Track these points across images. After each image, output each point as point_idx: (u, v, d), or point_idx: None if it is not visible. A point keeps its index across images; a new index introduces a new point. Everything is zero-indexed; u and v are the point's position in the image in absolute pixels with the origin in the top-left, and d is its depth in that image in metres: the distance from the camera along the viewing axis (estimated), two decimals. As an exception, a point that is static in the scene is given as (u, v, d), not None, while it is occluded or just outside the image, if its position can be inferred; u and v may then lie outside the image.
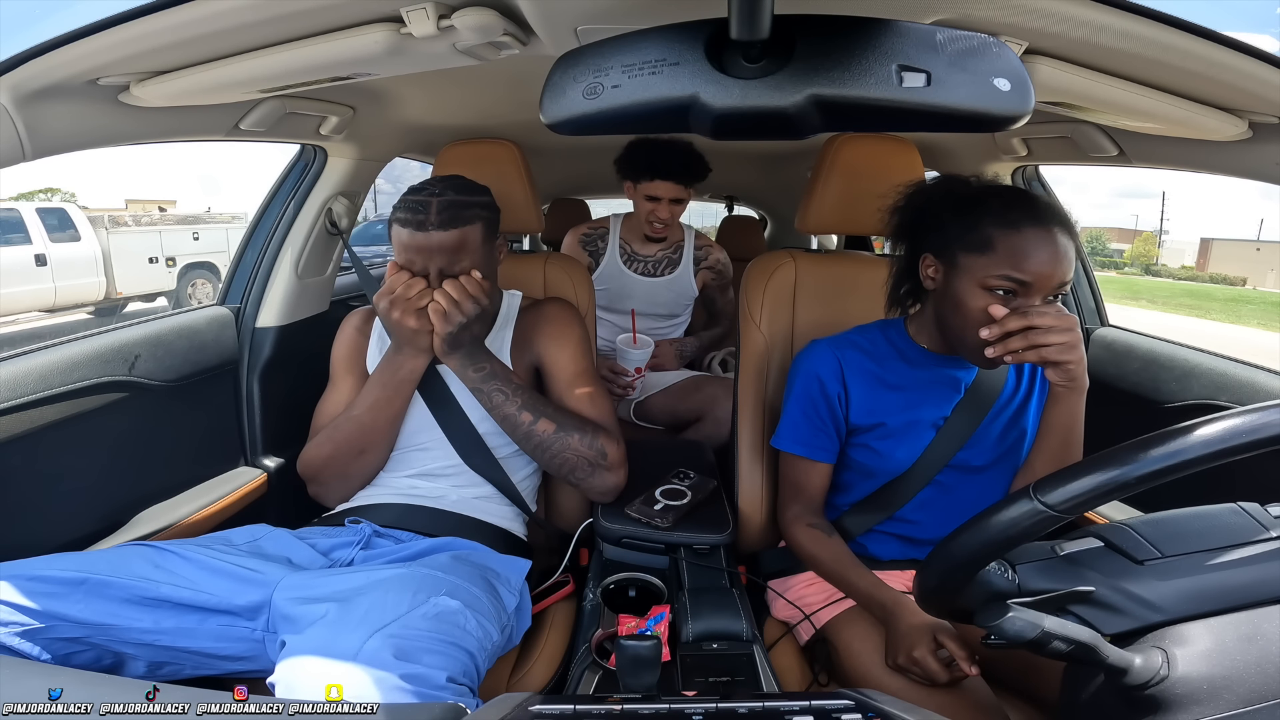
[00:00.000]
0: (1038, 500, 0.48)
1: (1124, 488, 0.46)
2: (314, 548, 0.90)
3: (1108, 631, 0.50)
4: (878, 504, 0.96)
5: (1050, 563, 0.54)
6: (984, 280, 0.79)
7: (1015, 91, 0.42)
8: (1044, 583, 0.53)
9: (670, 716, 0.44)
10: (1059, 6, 0.60)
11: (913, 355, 0.94)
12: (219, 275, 8.85)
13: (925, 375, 0.93)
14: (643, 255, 1.80)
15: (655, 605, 0.87)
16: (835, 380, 0.94)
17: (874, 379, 0.93)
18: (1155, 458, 0.46)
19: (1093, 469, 0.47)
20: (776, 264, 1.16)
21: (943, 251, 0.85)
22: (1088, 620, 0.51)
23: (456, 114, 1.39)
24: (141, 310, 8.10)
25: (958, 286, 0.82)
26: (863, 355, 0.95)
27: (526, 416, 0.96)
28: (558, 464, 0.98)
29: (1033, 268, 0.77)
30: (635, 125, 0.45)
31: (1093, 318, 1.45)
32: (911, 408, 0.92)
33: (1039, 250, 0.77)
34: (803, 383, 0.96)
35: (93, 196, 37.13)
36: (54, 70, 0.72)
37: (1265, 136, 0.81)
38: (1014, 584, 0.53)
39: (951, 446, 0.91)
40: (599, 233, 1.83)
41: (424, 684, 0.62)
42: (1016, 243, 0.78)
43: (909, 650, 0.77)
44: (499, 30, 0.69)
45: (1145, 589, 0.50)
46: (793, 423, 0.97)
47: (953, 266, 0.83)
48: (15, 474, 0.93)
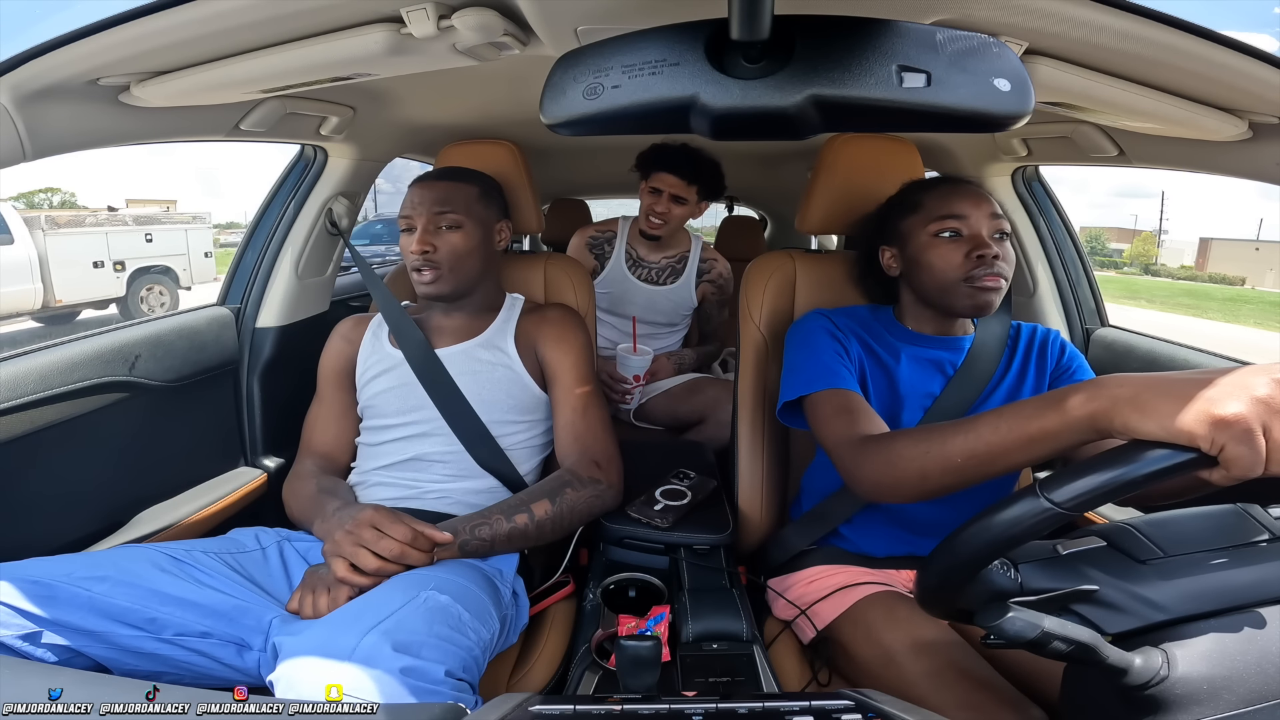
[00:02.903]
0: (1044, 497, 0.48)
1: (1131, 485, 0.46)
2: (306, 560, 0.91)
3: (1111, 631, 0.50)
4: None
5: (1052, 562, 0.54)
6: (929, 230, 0.88)
7: (1015, 92, 0.42)
8: (1047, 581, 0.52)
9: (670, 716, 0.44)
10: (1059, 6, 0.60)
11: (898, 333, 0.96)
12: (177, 280, 8.38)
13: (912, 351, 0.94)
14: (648, 261, 1.79)
15: (655, 605, 0.87)
16: (839, 334, 0.94)
17: (865, 346, 0.95)
18: (1161, 456, 0.45)
19: (1100, 467, 0.47)
20: (776, 264, 1.16)
21: (889, 235, 0.95)
22: (1090, 619, 0.51)
23: (456, 114, 1.39)
24: (96, 319, 7.55)
25: (913, 249, 0.90)
26: (857, 323, 0.97)
27: (521, 519, 0.90)
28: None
29: (960, 204, 0.87)
30: (635, 125, 0.45)
31: (1093, 318, 1.45)
32: (899, 380, 0.93)
33: (958, 192, 0.88)
34: (807, 335, 0.94)
35: (93, 196, 37.12)
36: (54, 70, 0.72)
37: (1265, 136, 0.81)
38: (1016, 583, 0.53)
39: None
40: (606, 236, 1.82)
41: (423, 678, 0.62)
42: (939, 193, 0.89)
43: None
44: (499, 30, 0.69)
45: (1148, 588, 0.50)
46: (810, 363, 0.89)
47: (900, 238, 0.92)
48: (15, 474, 0.93)
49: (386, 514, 0.82)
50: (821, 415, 0.83)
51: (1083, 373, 0.93)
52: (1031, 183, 1.47)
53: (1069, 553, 0.54)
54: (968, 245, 0.85)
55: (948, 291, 0.87)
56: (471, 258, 1.05)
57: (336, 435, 1.09)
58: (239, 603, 0.78)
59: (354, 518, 0.82)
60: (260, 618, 0.78)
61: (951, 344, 0.94)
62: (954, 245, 0.86)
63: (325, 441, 1.08)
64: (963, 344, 0.94)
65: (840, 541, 1.00)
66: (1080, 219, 20.60)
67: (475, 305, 1.10)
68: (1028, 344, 0.96)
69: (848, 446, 0.76)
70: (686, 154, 1.63)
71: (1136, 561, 0.52)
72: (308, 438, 1.09)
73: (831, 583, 0.95)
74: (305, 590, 0.81)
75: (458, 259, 1.04)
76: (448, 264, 1.03)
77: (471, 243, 1.05)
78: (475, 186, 1.07)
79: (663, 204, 1.67)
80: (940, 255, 0.86)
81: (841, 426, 0.79)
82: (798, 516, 1.06)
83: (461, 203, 1.04)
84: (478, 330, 1.09)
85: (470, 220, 1.04)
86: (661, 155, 1.65)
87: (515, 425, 1.05)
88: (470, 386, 1.03)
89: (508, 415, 1.04)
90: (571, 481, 0.96)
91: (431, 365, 1.03)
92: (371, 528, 0.81)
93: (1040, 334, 0.97)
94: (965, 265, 0.85)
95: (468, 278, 1.06)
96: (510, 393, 1.05)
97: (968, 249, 0.85)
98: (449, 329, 1.09)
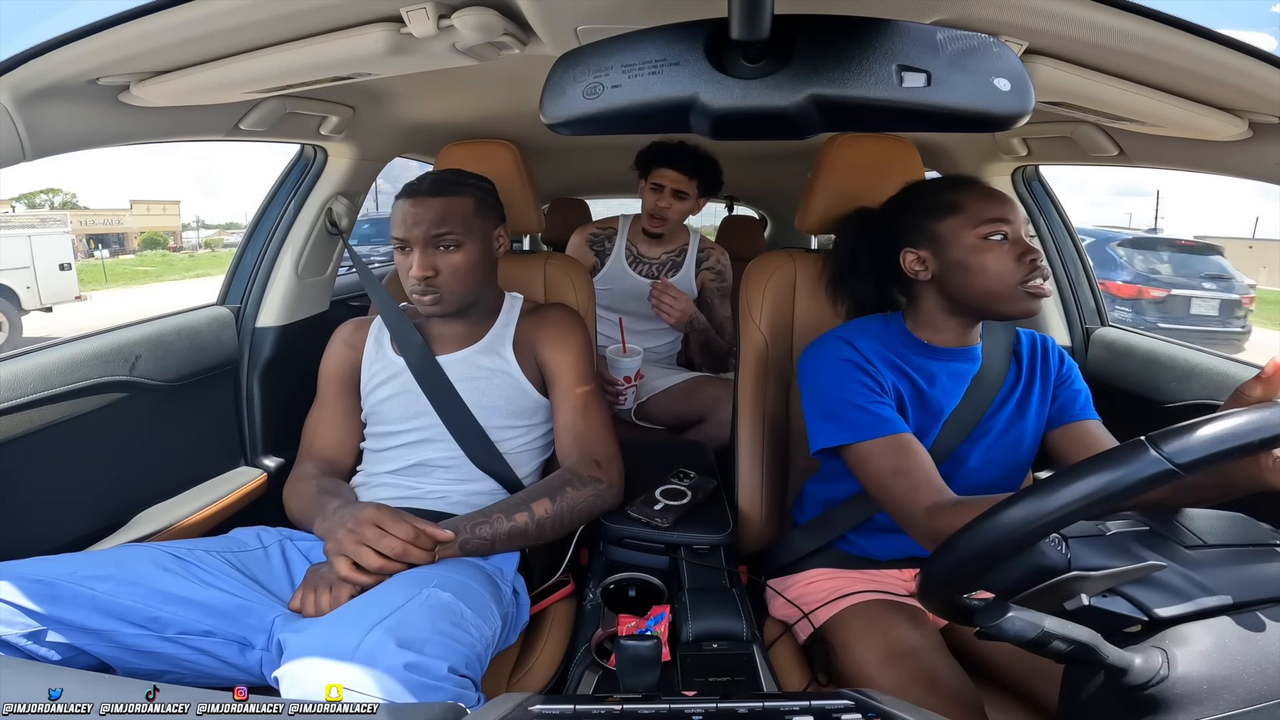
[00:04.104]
0: (1158, 451, 0.44)
1: (1255, 447, 0.43)
2: (308, 559, 0.91)
3: (1160, 613, 0.48)
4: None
5: (1100, 540, 0.52)
6: (977, 232, 0.84)
7: (1015, 91, 0.42)
8: (1097, 559, 0.50)
9: (670, 716, 0.44)
10: (1059, 6, 0.60)
11: (919, 349, 0.93)
12: (18, 301, 6.52)
13: (940, 368, 0.92)
14: (648, 257, 1.80)
15: (655, 605, 0.87)
16: (868, 366, 0.89)
17: (897, 370, 0.91)
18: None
19: (1222, 422, 0.43)
20: (776, 264, 1.16)
21: (918, 237, 0.89)
22: (1139, 600, 0.49)
23: (456, 114, 1.39)
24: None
25: (959, 253, 0.85)
26: (881, 345, 0.92)
27: (522, 517, 0.90)
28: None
29: (1003, 207, 0.85)
30: (635, 125, 0.45)
31: (1093, 317, 1.46)
32: (931, 400, 0.91)
33: (995, 195, 0.86)
34: (832, 367, 0.89)
35: (95, 197, 37.02)
36: (54, 70, 0.72)
37: (1265, 136, 0.81)
38: (1066, 558, 0.51)
39: (955, 439, 0.91)
40: (606, 233, 1.83)
41: (426, 674, 0.62)
42: (977, 194, 0.86)
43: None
44: (499, 30, 0.69)
45: (1201, 573, 0.49)
46: (846, 409, 0.84)
47: (937, 241, 0.87)
48: (15, 474, 0.93)
49: (388, 512, 0.82)
50: (872, 472, 0.81)
51: (1077, 383, 0.94)
52: (1031, 182, 1.47)
53: (1114, 533, 0.52)
54: (1016, 249, 0.83)
55: (1000, 297, 0.84)
56: (474, 274, 1.02)
57: (339, 439, 1.09)
58: (241, 602, 0.78)
59: (356, 516, 0.82)
60: (263, 616, 0.78)
61: (970, 354, 0.92)
62: (1005, 249, 0.83)
63: (327, 445, 1.08)
64: (976, 353, 0.93)
65: (844, 545, 0.99)
66: (1079, 218, 20.73)
67: (476, 311, 1.09)
68: (1031, 351, 0.95)
69: (915, 515, 0.76)
70: (685, 150, 1.65)
71: (1184, 547, 0.51)
72: (308, 441, 1.09)
73: (829, 586, 0.95)
74: (307, 589, 0.81)
75: (460, 279, 1.00)
76: (449, 285, 1.00)
77: (473, 259, 1.01)
78: (471, 198, 1.02)
79: (665, 199, 1.68)
80: (995, 259, 0.83)
81: (902, 490, 0.78)
82: (800, 518, 1.06)
83: (459, 220, 0.99)
84: (478, 336, 1.08)
85: (470, 237, 1.00)
86: (661, 152, 1.67)
87: (514, 430, 1.06)
88: (470, 393, 1.03)
89: (507, 421, 1.05)
90: (572, 481, 0.96)
91: (433, 373, 1.03)
92: (374, 526, 0.81)
93: (1040, 341, 0.97)
94: (1019, 269, 0.82)
95: (470, 294, 1.04)
96: (509, 398, 1.05)
97: (1018, 253, 0.83)
98: (450, 336, 1.09)
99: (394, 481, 1.02)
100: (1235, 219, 60.16)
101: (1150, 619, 0.49)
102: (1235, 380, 1.08)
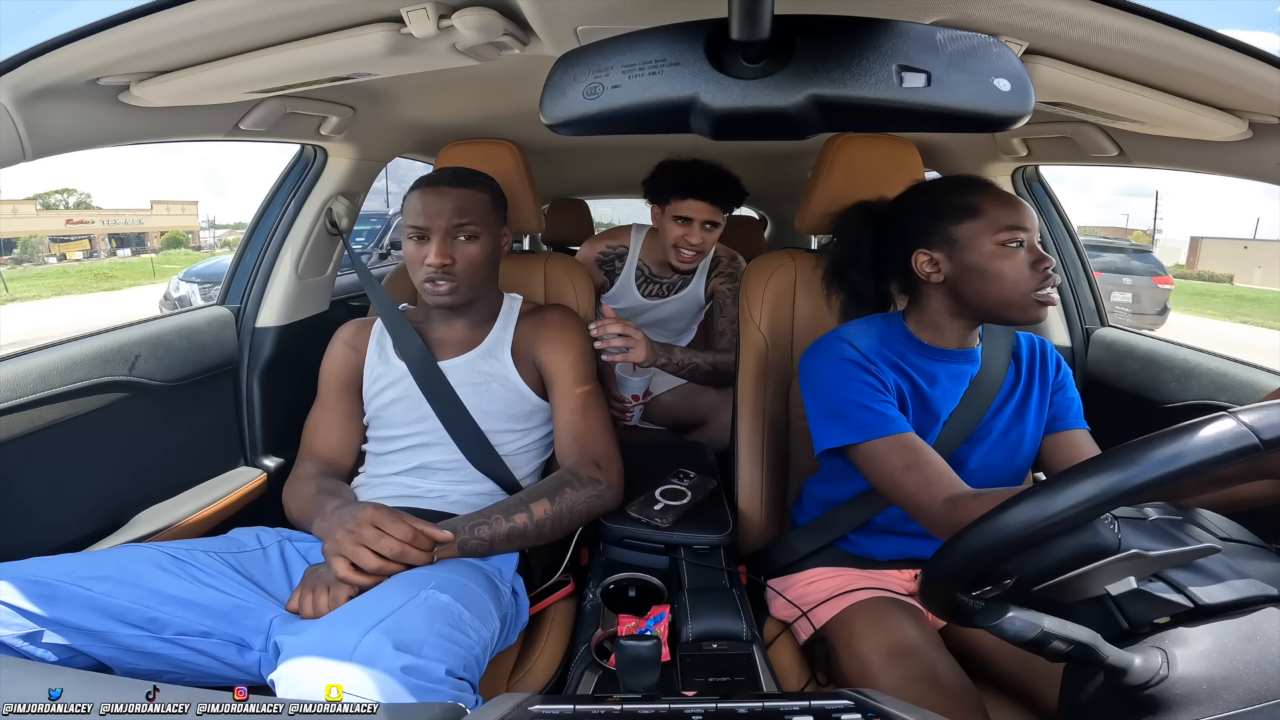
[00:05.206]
0: (1244, 424, 0.42)
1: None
2: (306, 560, 0.91)
3: (1203, 600, 0.48)
4: (875, 496, 0.94)
5: (1145, 524, 0.51)
6: (997, 238, 0.83)
7: (1015, 92, 0.42)
8: (1145, 542, 0.50)
9: (670, 716, 0.44)
10: (1059, 6, 0.60)
11: (921, 349, 0.93)
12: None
13: (941, 369, 0.92)
14: (660, 277, 1.68)
15: (655, 605, 0.87)
16: (871, 366, 0.89)
17: (899, 370, 0.91)
18: None
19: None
20: (776, 264, 1.16)
21: (932, 238, 0.87)
22: (1177, 584, 0.49)
23: (456, 114, 1.39)
24: None
25: (976, 257, 0.84)
26: (882, 346, 0.91)
27: (521, 518, 0.90)
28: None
29: (1020, 214, 0.84)
30: (635, 125, 0.45)
31: (1092, 318, 1.46)
32: (932, 401, 0.91)
33: (1013, 201, 0.85)
34: (835, 367, 0.88)
35: (107, 197, 37.02)
36: (54, 70, 0.72)
37: (1265, 136, 0.81)
38: (1117, 538, 0.50)
39: (955, 441, 0.91)
40: (617, 251, 1.70)
41: (424, 676, 0.62)
42: (995, 199, 0.85)
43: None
44: (499, 30, 0.69)
45: (1242, 564, 0.49)
46: (852, 408, 0.84)
47: (953, 244, 0.86)
48: (15, 474, 0.93)
49: (387, 513, 0.82)
50: (882, 470, 0.81)
51: (1071, 390, 0.94)
52: (1031, 183, 1.47)
53: (1155, 519, 0.52)
54: (1032, 256, 0.83)
55: (1012, 304, 0.84)
56: (485, 267, 1.05)
57: (339, 441, 1.09)
58: (239, 602, 0.78)
59: (354, 516, 0.82)
60: (261, 617, 0.78)
61: (970, 356, 0.92)
62: (1021, 257, 0.83)
63: (327, 446, 1.08)
64: (976, 355, 0.93)
65: (845, 545, 0.99)
66: (1081, 219, 20.58)
67: (477, 313, 1.10)
68: (1029, 354, 0.95)
69: (932, 509, 0.75)
70: (714, 177, 1.45)
71: (1221, 539, 0.51)
72: (309, 442, 1.09)
73: (829, 586, 0.95)
74: (305, 589, 0.81)
75: (474, 270, 1.03)
76: (464, 276, 1.02)
77: (486, 252, 1.04)
78: (487, 193, 1.06)
79: (695, 234, 1.47)
80: (1013, 266, 0.83)
81: (915, 485, 0.77)
82: (800, 518, 1.06)
83: (479, 212, 1.02)
84: (478, 340, 1.09)
85: (485, 230, 1.03)
86: (687, 181, 1.44)
87: (513, 433, 1.06)
88: (470, 397, 1.03)
89: (506, 424, 1.05)
90: (571, 481, 0.96)
91: (435, 379, 1.04)
92: (372, 526, 0.80)
93: (1038, 344, 0.97)
94: (1034, 278, 0.82)
95: (479, 287, 1.06)
96: (508, 402, 1.05)
97: (1033, 260, 0.83)
98: (451, 340, 1.09)
99: (394, 481, 1.02)
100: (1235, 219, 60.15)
101: (1195, 605, 0.48)
102: (1236, 380, 1.08)
